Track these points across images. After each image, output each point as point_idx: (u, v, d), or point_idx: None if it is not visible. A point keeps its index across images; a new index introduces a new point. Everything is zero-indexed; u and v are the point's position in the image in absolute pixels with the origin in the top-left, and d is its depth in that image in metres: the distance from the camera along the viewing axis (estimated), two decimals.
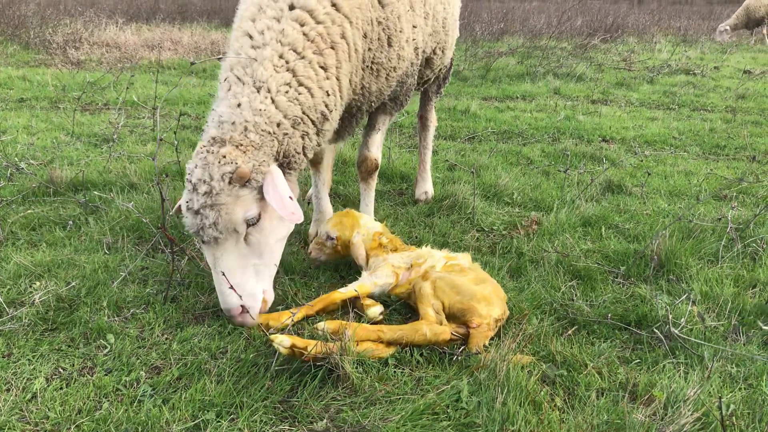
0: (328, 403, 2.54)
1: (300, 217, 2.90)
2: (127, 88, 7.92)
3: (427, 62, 4.24)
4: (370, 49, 3.40)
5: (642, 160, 6.45)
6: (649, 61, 13.08)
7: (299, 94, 3.04)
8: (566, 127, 7.74)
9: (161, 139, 3.44)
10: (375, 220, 3.85)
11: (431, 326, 2.88)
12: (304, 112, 3.07)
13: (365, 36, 3.34)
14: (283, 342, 2.65)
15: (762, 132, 7.81)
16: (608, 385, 2.71)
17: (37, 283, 3.35)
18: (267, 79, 2.97)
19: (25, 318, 3.02)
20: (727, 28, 17.97)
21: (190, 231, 2.86)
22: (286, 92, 3.00)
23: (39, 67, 10.87)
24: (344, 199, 5.00)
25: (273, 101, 2.97)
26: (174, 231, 4.00)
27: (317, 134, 3.20)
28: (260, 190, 2.88)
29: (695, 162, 6.49)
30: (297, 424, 2.44)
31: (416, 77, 3.99)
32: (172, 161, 5.51)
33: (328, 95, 3.16)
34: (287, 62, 3.02)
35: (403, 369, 2.78)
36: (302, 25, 3.06)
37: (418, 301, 3.06)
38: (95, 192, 4.54)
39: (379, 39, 3.42)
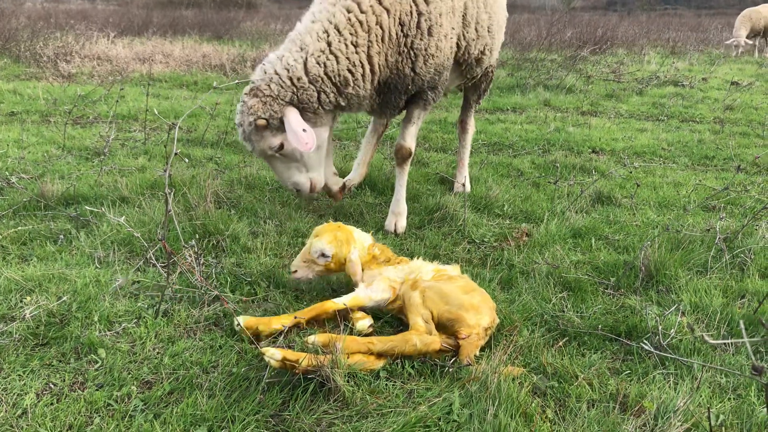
0: (319, 417, 2.54)
1: (312, 146, 3.85)
2: (117, 101, 7.92)
3: (477, 61, 4.92)
4: (407, 35, 4.10)
5: (631, 172, 6.50)
6: (638, 72, 13.19)
7: (327, 60, 3.91)
8: (556, 138, 7.79)
9: (177, 153, 3.50)
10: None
11: (421, 336, 2.88)
12: (326, 74, 3.93)
13: (402, 25, 4.07)
14: (274, 355, 2.65)
15: (749, 143, 7.89)
16: (599, 397, 2.72)
17: (28, 298, 3.34)
18: (309, 44, 3.92)
19: (16, 333, 3.01)
20: (743, 41, 17.87)
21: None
22: (318, 57, 3.90)
23: (30, 80, 10.86)
24: (336, 212, 5.01)
25: (305, 61, 3.89)
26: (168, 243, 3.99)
27: (338, 93, 4.03)
28: (280, 127, 3.90)
29: (684, 173, 6.54)
30: None
31: (448, 73, 4.59)
32: (161, 174, 5.50)
33: (354, 66, 3.97)
34: (328, 36, 3.91)
35: (395, 381, 2.78)
36: (349, 12, 3.94)
37: (407, 311, 3.07)
38: (86, 206, 4.53)
39: (419, 28, 4.12)
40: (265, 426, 2.49)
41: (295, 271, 3.49)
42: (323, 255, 3.44)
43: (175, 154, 3.55)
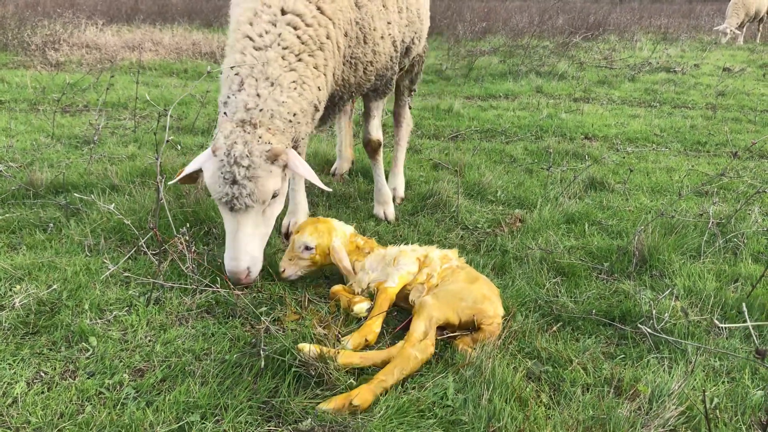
0: (312, 403, 2.52)
1: (328, 189, 3.57)
2: (107, 89, 7.83)
3: (407, 50, 4.64)
4: (349, 46, 3.76)
5: (624, 157, 6.49)
6: (630, 59, 13.17)
7: (303, 90, 3.40)
8: (549, 125, 7.78)
9: (168, 140, 3.46)
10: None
11: (415, 346, 2.73)
12: (308, 105, 3.46)
13: (346, 35, 3.69)
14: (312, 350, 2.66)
15: (741, 128, 7.90)
16: (593, 381, 2.72)
17: (18, 287, 3.30)
18: (278, 77, 3.30)
19: (6, 322, 2.98)
20: (731, 29, 17.58)
21: (220, 199, 3.18)
22: (295, 89, 3.36)
23: (18, 68, 10.72)
24: (330, 200, 4.98)
25: (289, 96, 3.33)
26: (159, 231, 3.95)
27: (311, 123, 3.62)
28: (283, 169, 3.28)
29: (676, 158, 6.54)
30: (281, 424, 2.43)
31: (397, 66, 4.33)
32: (151, 162, 5.46)
33: (320, 90, 3.53)
34: (289, 63, 3.36)
35: None
36: (296, 29, 3.39)
37: (415, 313, 2.90)
38: (76, 194, 4.48)
39: (356, 37, 3.79)
40: (258, 412, 2.48)
41: (284, 270, 3.49)
42: (307, 248, 3.45)
43: (167, 141, 3.52)
